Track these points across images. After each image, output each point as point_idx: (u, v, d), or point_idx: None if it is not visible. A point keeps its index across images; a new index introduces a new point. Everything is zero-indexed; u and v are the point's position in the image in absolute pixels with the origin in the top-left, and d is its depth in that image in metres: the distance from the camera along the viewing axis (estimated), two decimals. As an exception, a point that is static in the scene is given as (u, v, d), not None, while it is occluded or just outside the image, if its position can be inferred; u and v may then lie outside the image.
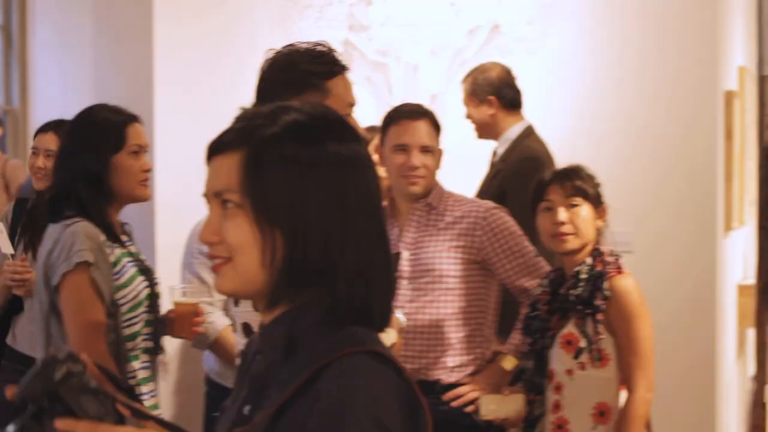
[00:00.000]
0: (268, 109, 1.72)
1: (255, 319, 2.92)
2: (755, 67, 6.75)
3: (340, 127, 1.74)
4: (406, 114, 4.19)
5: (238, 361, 3.04)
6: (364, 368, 1.58)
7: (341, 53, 3.02)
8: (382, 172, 5.03)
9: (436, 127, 4.18)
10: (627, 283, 3.72)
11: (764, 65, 3.19)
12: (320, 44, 3.01)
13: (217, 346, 4.26)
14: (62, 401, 1.59)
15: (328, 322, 1.65)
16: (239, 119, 1.74)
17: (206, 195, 1.72)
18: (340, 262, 1.64)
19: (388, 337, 2.84)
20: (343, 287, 1.65)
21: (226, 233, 1.66)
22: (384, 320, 1.71)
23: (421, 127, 4.14)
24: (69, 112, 3.73)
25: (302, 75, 2.95)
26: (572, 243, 3.75)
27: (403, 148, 4.12)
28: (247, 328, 3.33)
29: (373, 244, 1.68)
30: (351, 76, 6.02)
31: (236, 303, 3.01)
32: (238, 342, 3.07)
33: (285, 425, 1.58)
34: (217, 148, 1.71)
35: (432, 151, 4.14)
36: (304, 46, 3.00)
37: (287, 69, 2.97)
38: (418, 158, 4.10)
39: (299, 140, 1.66)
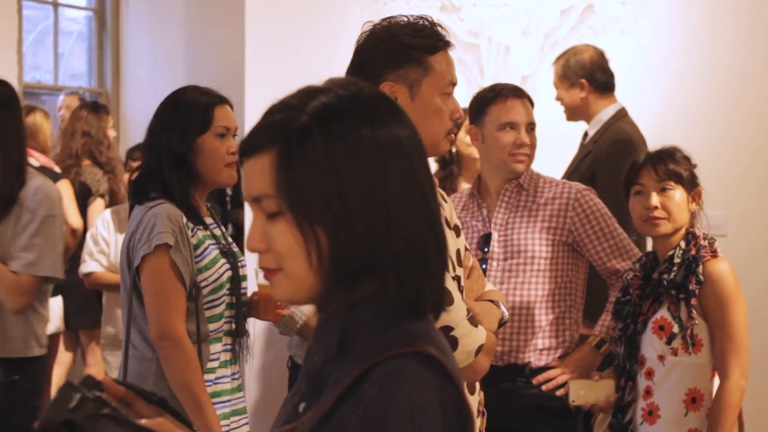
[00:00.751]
0: (296, 97, 1.63)
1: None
2: None
3: (376, 105, 1.63)
4: (510, 91, 4.16)
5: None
6: (408, 372, 1.50)
7: (444, 29, 2.93)
8: (473, 151, 5.01)
9: (532, 105, 4.18)
10: (722, 268, 3.67)
11: None
12: (423, 18, 2.90)
13: (304, 331, 4.21)
14: (79, 429, 1.55)
15: (381, 317, 1.58)
16: (267, 113, 1.63)
17: (246, 201, 1.64)
18: (388, 254, 1.56)
19: (479, 334, 2.82)
20: (394, 280, 1.57)
21: (272, 242, 1.58)
22: (437, 308, 1.64)
23: (526, 105, 4.13)
24: (160, 96, 3.73)
25: (403, 47, 2.83)
26: (664, 227, 3.71)
27: (512, 126, 4.09)
28: None
29: (422, 231, 1.59)
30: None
31: None
32: None
33: (330, 427, 1.53)
34: (246, 151, 1.61)
35: (534, 130, 4.13)
36: (405, 19, 2.89)
37: (388, 41, 2.85)
38: (526, 136, 4.08)
39: (330, 128, 1.57)
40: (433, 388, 1.51)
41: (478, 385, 3.05)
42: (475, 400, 3.01)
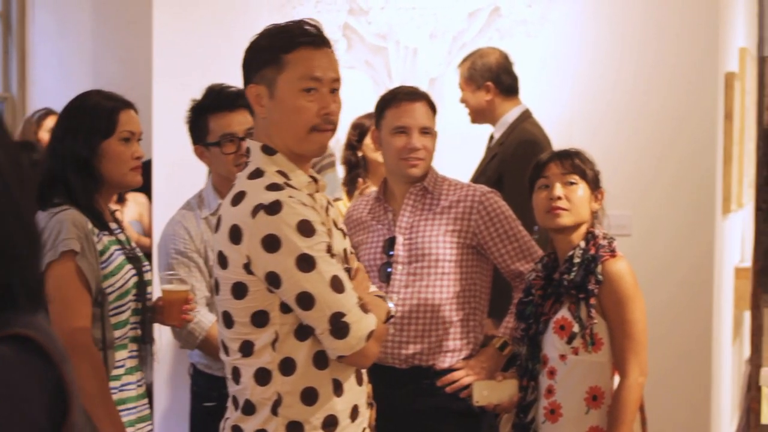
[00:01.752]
0: None
1: (234, 308, 2.95)
2: (756, 48, 6.73)
3: None
4: (404, 96, 4.19)
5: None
6: (2, 355, 1.51)
7: (322, 27, 3.01)
8: (379, 156, 5.05)
9: (433, 109, 4.19)
10: (620, 267, 3.72)
11: (764, 46, 3.19)
12: (302, 20, 3.01)
13: (205, 345, 4.11)
14: None
15: None
16: None
17: None
18: None
19: (370, 321, 2.88)
20: None
21: None
22: (33, 301, 1.64)
23: (420, 108, 4.14)
24: (67, 101, 3.73)
25: (259, 50, 2.97)
26: (566, 219, 3.74)
27: (403, 130, 4.12)
28: None
29: (7, 224, 1.59)
30: (350, 59, 6.05)
31: (217, 291, 3.02)
32: (220, 333, 3.07)
33: None
34: None
35: (430, 133, 4.14)
36: (284, 23, 3.00)
37: (251, 47, 3.00)
38: (418, 140, 4.10)
39: None
40: (30, 370, 1.53)
41: (365, 377, 3.09)
42: (363, 392, 3.06)
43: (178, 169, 5.31)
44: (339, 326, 2.85)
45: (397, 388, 3.89)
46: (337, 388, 2.97)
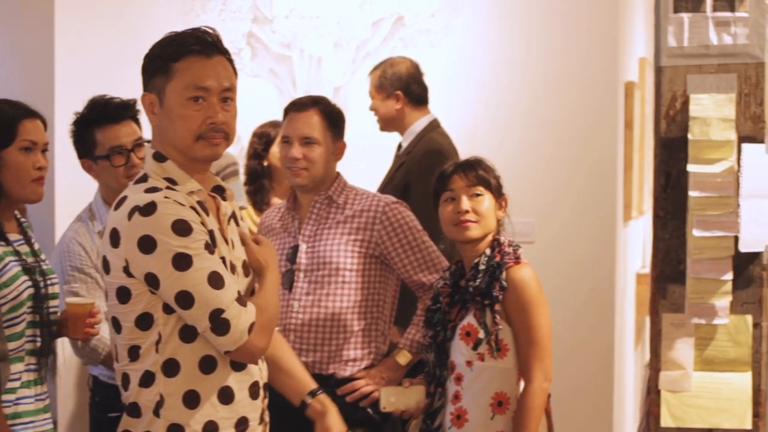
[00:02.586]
0: None
1: (120, 312, 2.93)
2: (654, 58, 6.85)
3: None
4: (294, 106, 4.22)
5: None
6: None
7: (219, 35, 3.00)
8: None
9: (329, 118, 4.18)
10: (524, 274, 3.76)
11: (661, 56, 3.28)
12: (199, 28, 3.00)
13: (109, 359, 3.96)
14: None
15: None
16: None
17: None
18: None
19: (249, 313, 2.88)
20: None
21: None
22: None
23: (306, 118, 4.15)
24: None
25: (151, 59, 2.97)
26: (474, 231, 3.78)
27: (287, 140, 4.16)
28: None
29: None
30: (254, 68, 6.04)
31: (107, 297, 3.00)
32: (112, 340, 3.06)
33: None
34: None
35: (317, 143, 4.14)
36: (181, 32, 2.99)
37: (145, 56, 3.00)
38: (297, 150, 4.12)
39: None
40: None
41: (264, 392, 3.08)
42: (256, 407, 3.04)
43: (81, 179, 5.24)
44: (219, 323, 2.84)
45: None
46: (225, 396, 2.96)
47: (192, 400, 2.91)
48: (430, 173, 4.11)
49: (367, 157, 5.43)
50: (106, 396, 4.18)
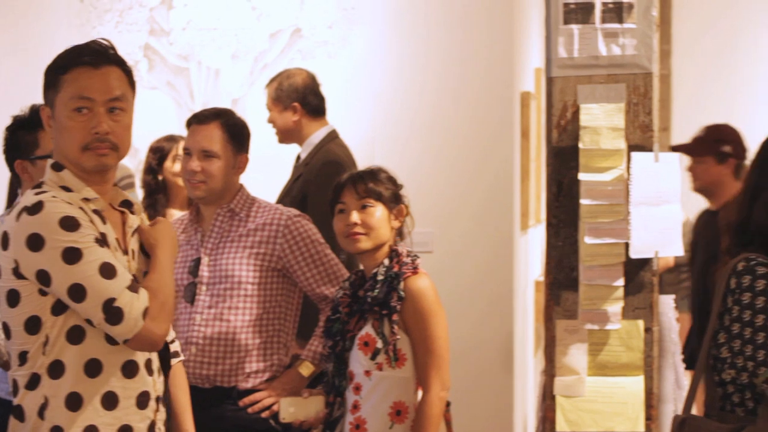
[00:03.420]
0: None
1: (10, 317, 2.91)
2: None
3: None
4: (196, 118, 4.22)
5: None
6: None
7: (114, 47, 2.99)
8: (179, 179, 5.04)
9: (231, 131, 4.18)
10: (422, 284, 3.78)
11: (552, 67, 3.34)
12: (94, 40, 3.01)
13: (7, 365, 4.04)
14: None
15: None
16: None
17: None
18: None
19: (141, 299, 2.86)
20: None
21: None
22: None
23: (207, 131, 4.15)
24: None
25: (46, 73, 2.97)
26: (364, 243, 3.80)
27: (188, 152, 4.16)
28: None
29: None
30: (152, 80, 6.01)
31: None
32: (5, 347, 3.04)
33: None
34: None
35: (216, 156, 4.13)
36: (76, 45, 2.99)
37: (45, 70, 2.99)
38: (196, 163, 4.11)
39: None
40: None
41: (154, 404, 3.03)
42: (144, 416, 2.99)
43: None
44: (112, 312, 2.82)
45: (201, 408, 3.87)
46: (108, 402, 2.92)
47: (74, 402, 2.89)
48: (328, 184, 4.12)
49: (266, 169, 5.42)
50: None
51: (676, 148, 5.73)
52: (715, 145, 5.67)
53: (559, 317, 3.41)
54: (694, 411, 3.20)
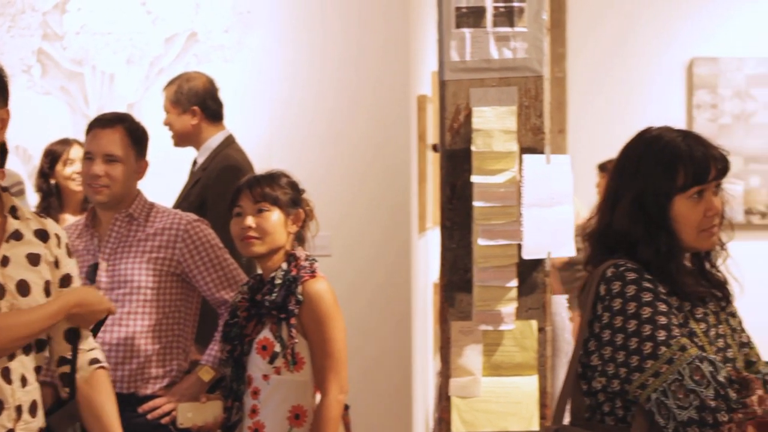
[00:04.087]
0: None
1: None
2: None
3: None
4: (99, 122, 4.19)
5: None
6: None
7: None
8: (71, 183, 5.02)
9: (133, 136, 4.17)
10: (320, 287, 3.80)
11: (444, 71, 3.36)
12: None
13: None
14: None
15: None
16: None
17: None
18: None
19: None
20: None
21: None
22: None
23: (110, 135, 4.13)
24: None
25: None
26: (258, 248, 3.81)
27: (90, 156, 4.12)
28: None
29: None
30: (45, 85, 5.94)
31: None
32: None
33: None
34: None
35: (119, 161, 4.11)
36: None
37: None
38: (99, 167, 4.09)
39: None
40: None
41: (12, 412, 3.02)
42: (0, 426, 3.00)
43: None
44: None
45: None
46: None
47: None
48: (227, 189, 4.12)
49: (161, 173, 5.38)
50: None
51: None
52: None
53: (453, 319, 3.43)
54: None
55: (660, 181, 2.99)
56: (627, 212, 3.00)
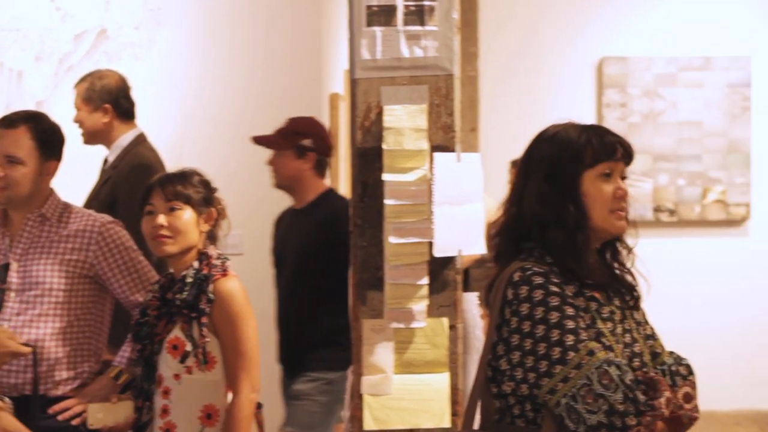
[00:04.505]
0: None
1: None
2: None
3: None
4: (2, 122, 4.14)
5: None
6: None
7: None
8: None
9: (41, 137, 4.11)
10: (231, 286, 3.79)
11: (355, 69, 3.38)
12: None
13: None
14: None
15: None
16: None
17: None
18: None
19: None
20: None
21: None
22: None
23: (13, 136, 4.07)
24: None
25: None
26: (170, 247, 3.79)
27: None
28: None
29: None
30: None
31: None
32: None
33: None
34: None
35: (21, 163, 4.05)
36: None
37: None
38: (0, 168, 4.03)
39: None
40: None
41: None
42: None
43: None
44: None
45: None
46: None
47: None
48: (137, 188, 4.10)
49: (71, 172, 5.33)
50: None
51: (256, 139, 5.34)
52: (294, 138, 5.26)
53: (365, 317, 3.44)
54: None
55: (568, 160, 3.03)
56: (536, 194, 3.03)
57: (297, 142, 5.24)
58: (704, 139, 9.22)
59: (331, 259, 5.06)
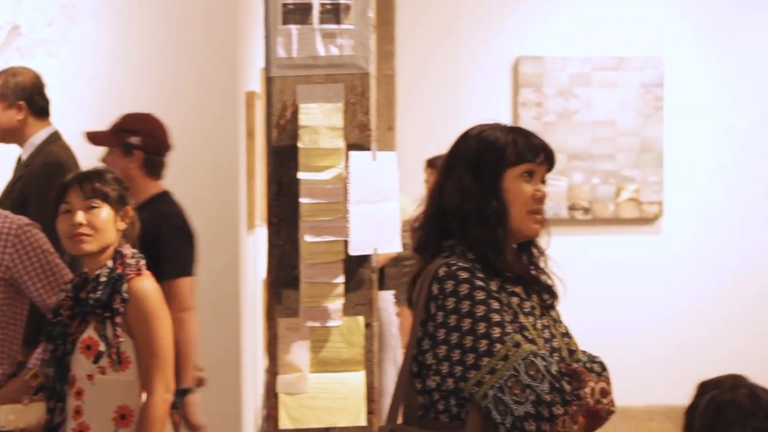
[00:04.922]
0: None
1: None
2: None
3: None
4: None
5: None
6: None
7: None
8: None
9: None
10: (145, 285, 3.77)
11: (271, 67, 3.38)
12: None
13: None
14: None
15: None
16: None
17: None
18: None
19: None
20: None
21: None
22: None
23: None
24: None
25: None
26: (89, 245, 3.75)
27: None
28: None
29: None
30: None
31: None
32: None
33: None
34: None
35: None
36: None
37: None
38: None
39: None
40: None
41: None
42: None
43: None
44: None
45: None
46: None
47: None
48: (49, 186, 4.06)
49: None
50: None
51: (89, 135, 5.08)
52: (122, 135, 4.99)
53: (281, 315, 3.44)
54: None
55: (492, 156, 3.07)
56: (458, 187, 3.05)
57: (124, 140, 4.97)
58: (618, 139, 9.32)
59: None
